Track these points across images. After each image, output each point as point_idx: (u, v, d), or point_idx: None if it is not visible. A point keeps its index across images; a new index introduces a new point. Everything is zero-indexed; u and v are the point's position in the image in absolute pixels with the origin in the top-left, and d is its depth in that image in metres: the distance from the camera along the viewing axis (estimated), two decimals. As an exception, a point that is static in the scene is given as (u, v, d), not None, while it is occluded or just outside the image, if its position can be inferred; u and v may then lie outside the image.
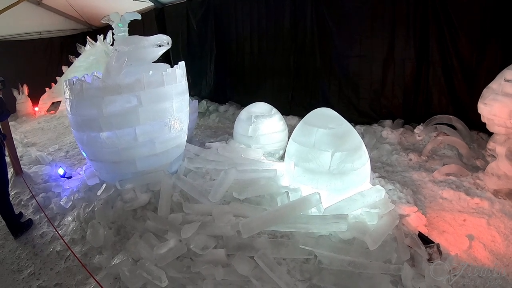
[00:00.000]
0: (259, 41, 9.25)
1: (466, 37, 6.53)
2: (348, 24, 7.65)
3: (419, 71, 7.23)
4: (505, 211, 4.65)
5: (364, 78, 7.75)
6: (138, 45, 5.02)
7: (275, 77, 9.05)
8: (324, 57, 8.10)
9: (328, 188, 4.18)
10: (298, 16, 8.26)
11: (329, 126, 4.29)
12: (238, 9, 9.41)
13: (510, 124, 4.63)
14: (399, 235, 3.86)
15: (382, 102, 7.73)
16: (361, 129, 7.37)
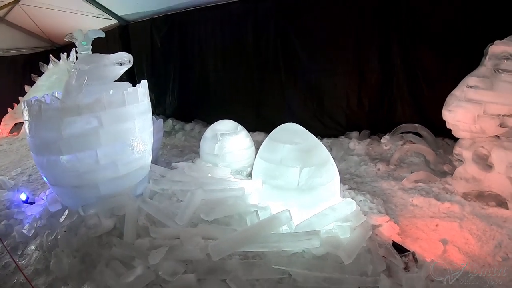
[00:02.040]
0: (223, 58, 9.11)
1: (428, 48, 6.63)
2: (311, 38, 7.62)
3: (383, 82, 7.25)
4: (476, 213, 4.66)
5: (329, 91, 7.71)
6: (98, 63, 4.80)
7: (240, 93, 8.90)
8: (288, 71, 8.01)
9: (298, 204, 4.04)
10: (261, 32, 8.18)
11: (295, 141, 4.17)
12: (201, 26, 9.25)
13: (475, 129, 4.68)
14: (373, 246, 3.73)
15: (348, 115, 7.69)
16: (328, 142, 7.29)
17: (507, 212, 4.62)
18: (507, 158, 4.62)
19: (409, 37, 6.75)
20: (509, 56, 4.47)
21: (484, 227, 4.37)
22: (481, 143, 4.87)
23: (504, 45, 4.53)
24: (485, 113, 4.55)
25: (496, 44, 4.60)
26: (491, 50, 4.64)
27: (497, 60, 4.56)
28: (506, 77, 4.47)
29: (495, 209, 4.72)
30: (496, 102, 4.49)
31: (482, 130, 4.66)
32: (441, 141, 6.79)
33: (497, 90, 4.49)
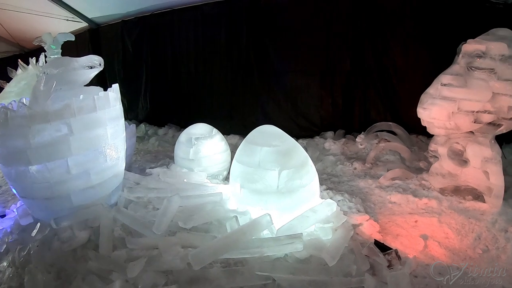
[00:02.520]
0: (196, 61, 8.92)
1: (400, 47, 6.74)
2: (283, 39, 7.58)
3: (356, 82, 7.28)
4: (453, 207, 4.69)
5: (302, 92, 7.67)
6: (67, 67, 4.54)
7: (214, 96, 8.74)
8: (261, 73, 7.92)
9: (278, 207, 3.94)
10: (235, 33, 8.05)
11: (273, 143, 4.06)
12: (173, 28, 9.04)
13: (449, 126, 4.71)
14: (355, 246, 3.68)
15: (322, 115, 7.68)
16: (303, 143, 7.20)
17: (484, 205, 4.68)
18: (482, 153, 4.69)
19: (380, 36, 6.82)
20: (482, 54, 4.52)
21: (462, 221, 4.41)
22: (456, 139, 4.92)
23: (476, 44, 4.59)
24: (459, 110, 4.58)
25: (469, 42, 4.66)
26: (464, 49, 4.69)
27: (470, 58, 4.61)
28: (479, 75, 4.52)
29: (472, 202, 4.77)
30: (470, 99, 4.53)
31: (456, 127, 4.69)
32: (415, 138, 6.86)
33: (470, 87, 4.51)
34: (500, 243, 4.04)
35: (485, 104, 4.48)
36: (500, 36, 4.62)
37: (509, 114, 4.50)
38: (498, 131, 4.71)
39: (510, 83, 4.42)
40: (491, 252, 3.91)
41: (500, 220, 4.40)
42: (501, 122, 4.60)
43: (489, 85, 4.45)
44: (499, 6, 6.38)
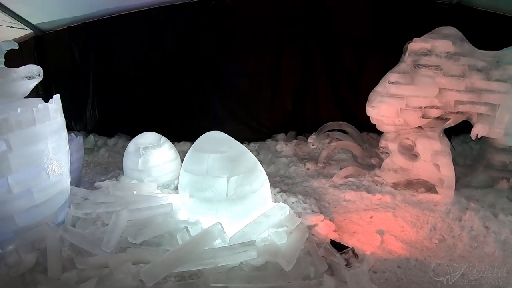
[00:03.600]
0: (144, 67, 8.57)
1: (348, 47, 6.85)
2: (233, 42, 7.45)
3: (305, 83, 7.28)
4: (407, 201, 4.78)
5: (253, 95, 7.57)
6: (6, 78, 4.17)
7: (164, 103, 8.45)
8: (212, 77, 7.74)
9: (230, 215, 3.78)
10: (184, 39, 7.83)
11: (220, 150, 3.90)
12: (122, 34, 8.67)
13: (398, 122, 4.82)
14: (311, 247, 3.58)
15: (273, 117, 7.62)
16: (255, 146, 7.13)
17: (437, 196, 4.81)
18: (431, 146, 4.83)
19: (329, 38, 6.86)
20: (428, 52, 4.66)
21: (417, 213, 4.48)
22: (405, 135, 5.04)
23: (422, 42, 4.72)
24: (407, 107, 4.68)
25: (415, 41, 4.78)
26: (410, 47, 4.78)
27: (416, 56, 4.73)
28: (425, 72, 4.66)
29: (425, 195, 4.89)
30: (417, 95, 4.65)
31: (405, 123, 4.80)
32: (366, 136, 6.96)
33: (417, 84, 4.65)
34: (456, 232, 4.13)
35: (432, 100, 4.61)
36: (445, 34, 4.76)
37: (456, 108, 4.68)
38: (446, 125, 4.87)
39: (456, 79, 4.58)
40: (447, 241, 4.00)
41: (454, 209, 4.51)
42: (449, 116, 4.77)
43: (435, 81, 4.59)
44: (444, 6, 6.69)
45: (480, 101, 4.62)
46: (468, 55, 4.65)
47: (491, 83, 4.58)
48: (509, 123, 4.56)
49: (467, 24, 5.78)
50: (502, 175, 5.11)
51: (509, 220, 4.30)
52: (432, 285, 3.32)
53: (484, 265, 3.62)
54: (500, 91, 4.55)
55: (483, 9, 6.79)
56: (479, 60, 4.64)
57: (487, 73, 4.62)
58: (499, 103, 4.57)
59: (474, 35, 5.04)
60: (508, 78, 4.53)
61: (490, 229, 4.14)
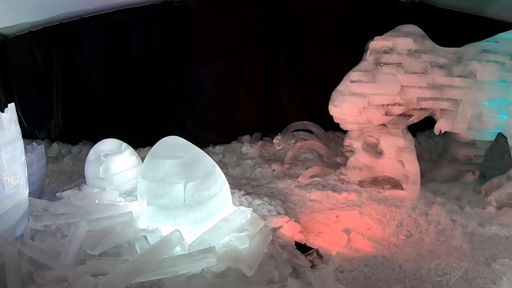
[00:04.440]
0: (107, 71, 8.28)
1: (311, 47, 6.81)
2: (197, 45, 7.27)
3: (270, 83, 7.18)
4: (373, 198, 4.74)
5: (218, 98, 7.41)
6: None
7: (127, 108, 8.18)
8: (176, 81, 7.51)
9: (188, 222, 3.63)
10: (147, 42, 7.61)
11: (176, 155, 3.73)
12: (85, 38, 8.33)
13: (361, 120, 4.77)
14: (275, 251, 3.46)
15: (238, 119, 7.46)
16: (220, 149, 6.94)
17: (403, 192, 4.79)
18: (395, 143, 4.82)
19: (293, 39, 6.80)
20: (389, 50, 4.65)
21: (383, 210, 4.44)
22: (369, 133, 5.00)
23: (383, 40, 4.72)
24: (369, 105, 4.65)
25: (376, 39, 4.77)
26: (371, 46, 4.77)
27: (378, 55, 4.71)
28: (387, 70, 4.65)
29: (391, 191, 4.87)
30: (379, 93, 4.64)
31: (368, 121, 4.76)
32: (331, 135, 6.91)
33: (379, 82, 4.63)
34: (422, 227, 4.14)
35: (395, 97, 4.61)
36: (406, 32, 4.79)
37: (419, 105, 4.73)
38: (409, 122, 4.90)
39: (418, 76, 4.62)
40: (414, 236, 3.99)
41: (420, 204, 4.51)
42: (412, 113, 4.77)
43: (397, 79, 4.59)
44: (407, 5, 6.77)
45: (442, 97, 4.70)
46: (430, 52, 4.68)
47: (453, 79, 4.67)
48: (472, 118, 4.69)
49: (430, 22, 5.85)
50: (467, 168, 5.20)
51: (476, 212, 4.37)
52: (400, 282, 3.29)
53: (452, 258, 3.62)
54: (462, 86, 4.64)
55: (445, 7, 6.89)
56: (441, 57, 4.70)
57: (449, 69, 4.70)
58: (461, 99, 4.67)
59: (437, 32, 5.08)
60: (470, 73, 4.64)
61: (457, 222, 4.18)
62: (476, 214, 4.34)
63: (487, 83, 4.60)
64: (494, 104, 4.66)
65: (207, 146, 6.65)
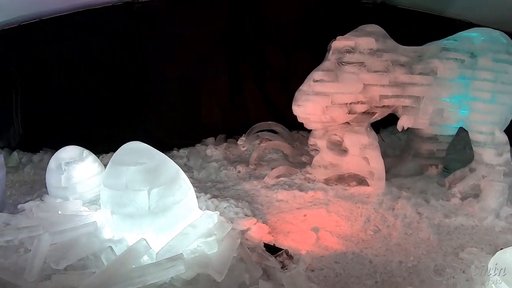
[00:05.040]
0: (68, 76, 7.90)
1: (274, 48, 6.75)
2: (160, 47, 7.05)
3: (234, 85, 7.06)
4: (339, 196, 4.75)
5: (181, 100, 7.20)
6: None
7: (90, 113, 7.89)
8: (139, 83, 7.24)
9: (154, 229, 3.50)
10: (107, 44, 7.29)
11: (139, 161, 3.59)
12: (45, 41, 7.85)
13: (325, 119, 4.78)
14: (244, 254, 3.39)
15: (202, 121, 7.29)
16: (185, 152, 6.72)
17: (368, 188, 4.84)
18: (359, 141, 4.87)
19: (256, 39, 6.72)
20: (351, 50, 4.67)
21: (350, 207, 4.46)
22: (333, 131, 5.00)
23: (345, 40, 4.73)
24: (333, 104, 4.66)
25: (339, 39, 4.77)
26: (334, 45, 4.78)
27: (340, 54, 4.72)
28: (349, 69, 4.66)
29: (357, 188, 4.90)
30: (342, 92, 4.65)
31: (332, 119, 4.78)
32: (296, 134, 6.88)
33: (342, 81, 4.64)
34: (390, 221, 4.19)
35: (357, 96, 4.65)
36: (368, 31, 4.81)
37: (381, 103, 4.76)
38: (372, 119, 4.94)
39: (380, 74, 4.65)
40: (382, 231, 4.04)
41: (386, 199, 4.58)
42: (375, 111, 4.84)
43: (359, 77, 4.64)
44: (369, 5, 6.77)
45: (404, 94, 4.77)
46: (391, 51, 4.73)
47: (414, 76, 4.73)
48: (434, 114, 4.81)
49: (391, 22, 5.87)
50: (430, 162, 5.35)
51: (441, 204, 4.51)
52: (371, 277, 3.32)
53: (421, 251, 3.71)
54: (423, 84, 4.72)
55: (406, 7, 6.97)
56: (402, 56, 4.76)
57: (410, 68, 4.76)
58: (422, 95, 4.75)
59: (398, 32, 5.13)
60: (431, 71, 4.73)
61: (423, 215, 4.28)
62: (441, 206, 4.48)
63: (447, 80, 4.70)
64: (455, 100, 4.79)
65: (171, 150, 6.49)
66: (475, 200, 4.50)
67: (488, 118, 4.62)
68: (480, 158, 4.70)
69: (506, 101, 4.60)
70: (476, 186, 4.67)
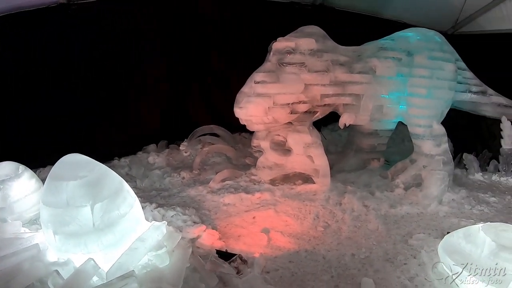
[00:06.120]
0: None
1: (217, 52, 6.70)
2: (96, 50, 6.53)
3: (174, 90, 6.88)
4: (286, 195, 4.76)
5: (120, 107, 6.78)
6: None
7: (22, 123, 7.30)
8: (73, 91, 6.63)
9: (101, 247, 3.22)
10: (40, 48, 6.45)
11: (79, 175, 3.28)
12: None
13: (267, 120, 4.76)
14: (198, 263, 3.25)
15: (143, 128, 6.98)
16: (126, 161, 6.41)
17: (314, 185, 4.90)
18: (302, 140, 4.89)
19: (196, 43, 6.59)
20: (292, 50, 4.68)
21: (298, 205, 4.48)
22: (276, 132, 5.00)
23: (286, 41, 4.73)
24: (275, 104, 4.65)
25: (279, 40, 4.77)
26: (274, 47, 4.77)
27: (281, 55, 4.72)
28: (290, 69, 4.68)
29: (303, 186, 4.94)
30: (284, 93, 4.65)
31: (275, 120, 4.77)
32: (238, 137, 6.85)
33: (283, 82, 4.65)
34: (338, 216, 4.27)
35: (299, 96, 4.70)
36: (308, 32, 4.86)
37: (323, 101, 4.82)
38: (314, 118, 5.00)
39: (320, 74, 4.71)
40: (332, 226, 4.10)
41: (332, 195, 4.67)
42: (316, 110, 4.90)
43: (300, 77, 4.69)
44: (308, 7, 6.84)
45: (344, 92, 4.86)
46: (331, 51, 4.81)
47: (354, 75, 4.90)
48: (374, 110, 5.00)
49: (331, 23, 5.93)
50: (372, 156, 5.57)
51: (386, 195, 4.71)
52: (326, 272, 3.33)
53: (371, 241, 3.81)
54: (362, 82, 4.86)
55: (344, 9, 7.12)
56: (342, 55, 4.88)
57: (350, 67, 4.87)
58: (362, 93, 4.91)
59: (337, 33, 5.19)
60: (369, 70, 4.94)
61: (369, 207, 4.43)
62: (386, 197, 4.67)
63: (386, 77, 4.89)
64: (393, 96, 4.98)
65: (112, 159, 6.19)
66: (418, 189, 4.72)
67: (425, 112, 4.85)
68: (419, 150, 4.94)
69: (442, 95, 4.87)
70: (417, 176, 4.90)
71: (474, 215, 4.39)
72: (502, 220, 4.25)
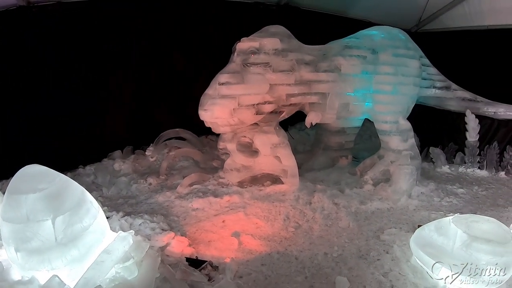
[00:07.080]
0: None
1: (179, 53, 6.56)
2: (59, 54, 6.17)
3: (138, 94, 6.69)
4: (255, 197, 4.70)
5: (81, 113, 6.45)
6: None
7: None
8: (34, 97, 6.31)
9: (66, 262, 3.03)
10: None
11: (38, 187, 3.08)
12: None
13: (233, 122, 4.68)
14: (167, 272, 3.13)
15: (106, 134, 6.72)
16: (91, 168, 6.10)
17: (283, 186, 4.88)
18: (269, 140, 4.87)
19: (159, 44, 6.47)
20: (256, 51, 4.61)
21: (268, 207, 4.43)
22: (242, 133, 4.96)
23: (250, 41, 4.66)
24: (240, 105, 4.57)
25: (243, 41, 4.69)
26: (238, 47, 4.69)
27: (245, 55, 4.64)
28: (255, 70, 4.60)
29: (272, 187, 4.90)
30: (249, 93, 4.57)
31: (240, 121, 4.69)
32: (204, 140, 6.74)
33: (248, 83, 4.57)
34: (309, 216, 4.25)
35: (264, 96, 4.60)
36: (273, 32, 4.83)
37: (288, 101, 4.78)
38: (280, 118, 4.97)
39: (285, 74, 4.66)
40: (303, 226, 4.07)
41: (302, 195, 4.64)
42: (282, 109, 4.86)
43: (265, 78, 4.58)
44: (273, 7, 6.82)
45: (310, 91, 4.82)
46: (296, 51, 4.78)
47: (320, 74, 4.86)
48: (340, 108, 5.01)
49: (296, 23, 5.94)
50: (340, 154, 5.63)
51: (355, 192, 4.74)
52: (300, 273, 3.30)
53: (343, 239, 3.81)
54: (328, 80, 4.86)
55: (309, 8, 7.14)
56: (307, 55, 4.87)
57: (315, 66, 4.83)
58: (328, 92, 4.90)
59: (302, 32, 5.17)
60: (335, 68, 4.91)
61: (340, 205, 4.43)
62: (356, 194, 4.71)
63: (351, 75, 4.92)
64: (359, 93, 5.02)
65: (77, 168, 5.90)
66: (387, 184, 4.78)
67: (391, 108, 4.94)
68: (387, 146, 5.02)
69: (407, 91, 4.96)
70: (386, 171, 4.98)
71: (443, 207, 4.47)
72: (471, 210, 4.40)
